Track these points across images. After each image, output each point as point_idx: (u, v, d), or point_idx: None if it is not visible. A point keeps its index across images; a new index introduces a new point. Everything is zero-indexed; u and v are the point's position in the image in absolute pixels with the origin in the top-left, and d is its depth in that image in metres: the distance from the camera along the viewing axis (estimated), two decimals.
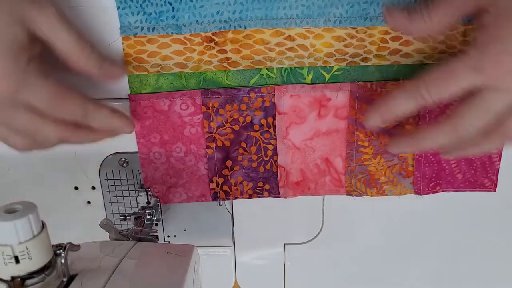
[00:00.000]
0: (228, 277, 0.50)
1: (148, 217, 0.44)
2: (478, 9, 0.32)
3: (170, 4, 0.37)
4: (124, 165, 0.44)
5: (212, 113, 0.41)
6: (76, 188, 0.46)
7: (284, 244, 0.49)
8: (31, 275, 0.28)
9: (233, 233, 0.48)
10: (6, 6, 0.31)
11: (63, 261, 0.29)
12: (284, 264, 0.49)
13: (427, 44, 0.38)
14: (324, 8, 0.37)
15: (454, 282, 0.50)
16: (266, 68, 0.40)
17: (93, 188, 0.45)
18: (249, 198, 0.44)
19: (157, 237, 0.41)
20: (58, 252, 0.29)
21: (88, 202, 0.46)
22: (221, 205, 0.46)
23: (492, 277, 0.49)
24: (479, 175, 0.43)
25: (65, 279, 0.29)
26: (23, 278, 0.27)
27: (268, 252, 0.49)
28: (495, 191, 0.44)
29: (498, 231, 0.47)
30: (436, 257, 0.49)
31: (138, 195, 0.44)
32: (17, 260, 0.27)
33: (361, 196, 0.44)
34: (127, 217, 0.46)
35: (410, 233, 0.47)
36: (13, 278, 0.27)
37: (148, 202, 0.44)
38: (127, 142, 0.42)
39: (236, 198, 0.44)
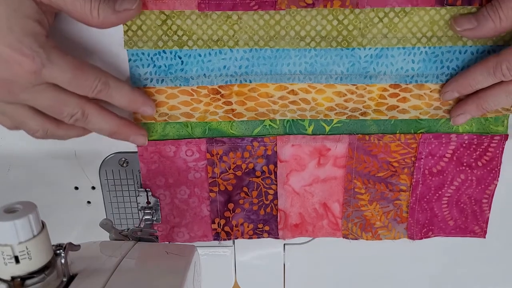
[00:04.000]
0: (228, 277, 0.50)
1: (148, 217, 0.44)
2: None
3: (180, 58, 0.39)
4: (124, 165, 0.44)
5: (216, 160, 0.43)
6: (76, 188, 0.46)
7: (284, 244, 0.49)
8: (31, 275, 0.27)
9: None
10: None
11: (63, 261, 0.29)
12: (284, 264, 0.50)
13: (423, 101, 0.40)
14: (326, 66, 0.39)
15: (454, 284, 0.50)
16: (269, 119, 0.41)
17: (93, 188, 0.45)
18: (249, 238, 0.46)
19: (157, 237, 0.41)
20: (58, 252, 0.29)
21: (88, 202, 0.46)
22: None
23: (491, 280, 0.50)
24: (470, 222, 0.45)
25: (65, 279, 0.29)
26: (23, 278, 0.27)
27: (268, 252, 0.49)
28: (484, 237, 0.46)
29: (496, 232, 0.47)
30: (437, 257, 0.49)
31: (138, 195, 0.44)
32: (17, 260, 0.27)
33: (356, 239, 0.46)
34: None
35: None
36: (13, 278, 0.27)
37: (148, 202, 0.44)
38: (127, 142, 0.42)
39: (236, 238, 0.46)
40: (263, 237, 0.46)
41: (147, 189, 0.44)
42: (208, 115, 0.41)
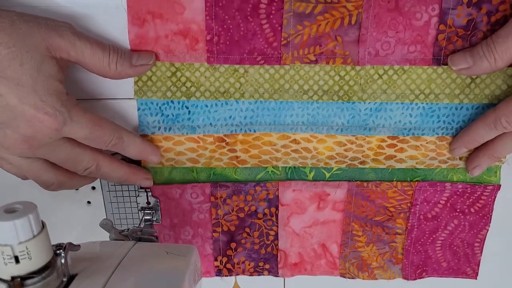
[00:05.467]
0: (228, 277, 0.50)
1: (148, 217, 0.44)
2: None
3: (187, 108, 0.40)
4: None
5: (220, 203, 0.44)
6: (76, 188, 0.45)
7: None
8: (31, 275, 0.27)
9: None
10: (31, 43, 0.31)
11: (63, 261, 0.29)
12: None
13: (419, 152, 0.42)
14: (327, 118, 0.41)
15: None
16: (272, 166, 0.43)
17: (93, 188, 0.46)
18: (250, 275, 0.48)
19: (157, 237, 0.42)
20: (58, 252, 0.29)
21: (88, 202, 0.46)
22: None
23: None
24: (462, 264, 0.47)
25: (65, 279, 0.29)
26: (23, 278, 0.27)
27: None
28: (476, 279, 0.47)
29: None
30: None
31: (138, 195, 0.44)
32: (17, 260, 0.27)
33: (353, 278, 0.48)
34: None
35: None
36: (13, 278, 0.27)
37: (148, 203, 0.44)
38: None
39: (238, 275, 0.48)
40: (263, 275, 0.48)
41: (147, 189, 0.45)
42: (213, 161, 0.42)
